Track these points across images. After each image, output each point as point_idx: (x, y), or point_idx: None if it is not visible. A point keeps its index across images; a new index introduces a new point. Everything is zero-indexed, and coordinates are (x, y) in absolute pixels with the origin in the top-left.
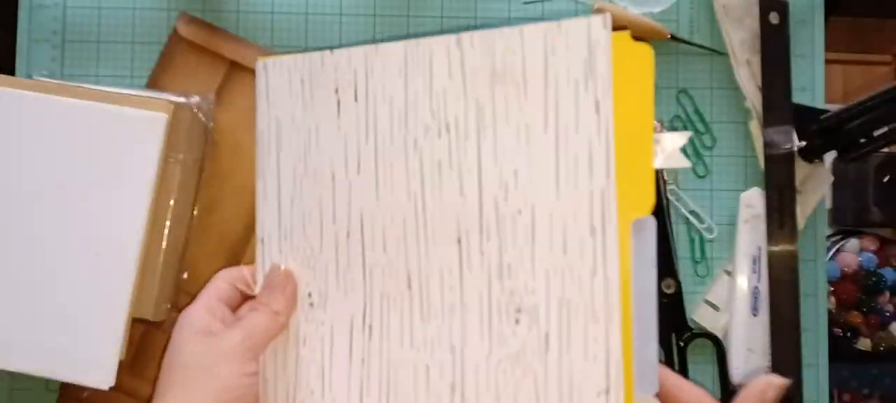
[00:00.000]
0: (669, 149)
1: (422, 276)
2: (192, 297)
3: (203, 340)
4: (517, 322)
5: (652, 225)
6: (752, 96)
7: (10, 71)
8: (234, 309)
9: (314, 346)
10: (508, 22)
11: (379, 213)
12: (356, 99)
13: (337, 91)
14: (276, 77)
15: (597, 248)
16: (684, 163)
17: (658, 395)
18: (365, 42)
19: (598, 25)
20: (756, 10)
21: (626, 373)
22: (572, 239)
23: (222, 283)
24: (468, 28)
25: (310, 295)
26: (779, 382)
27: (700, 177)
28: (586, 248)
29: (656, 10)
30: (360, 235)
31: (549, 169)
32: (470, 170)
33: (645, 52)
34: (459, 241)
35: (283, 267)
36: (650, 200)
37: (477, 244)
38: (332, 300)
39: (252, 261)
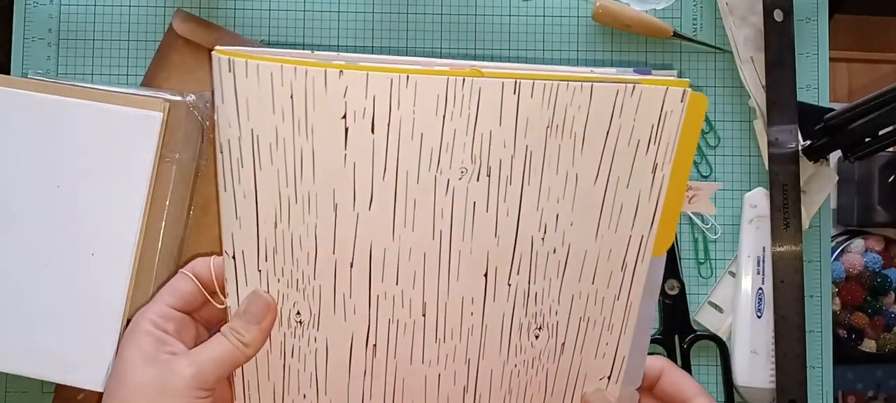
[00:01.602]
0: (703, 196)
1: (439, 305)
2: None
3: (150, 369)
4: (537, 337)
5: (662, 262)
6: (757, 94)
7: (6, 69)
8: (195, 310)
9: (305, 358)
10: (509, 20)
11: (393, 248)
12: (373, 131)
13: (345, 118)
14: (251, 84)
15: (625, 280)
16: (711, 209)
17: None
18: (378, 58)
19: (676, 97)
20: (760, 8)
21: None
22: (602, 271)
23: (183, 284)
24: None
25: (298, 313)
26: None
27: (704, 176)
28: (615, 279)
29: (659, 6)
30: (368, 267)
31: (592, 216)
32: (509, 214)
33: (700, 105)
34: (486, 275)
35: (265, 296)
36: (671, 241)
37: (505, 277)
38: (326, 320)
39: None
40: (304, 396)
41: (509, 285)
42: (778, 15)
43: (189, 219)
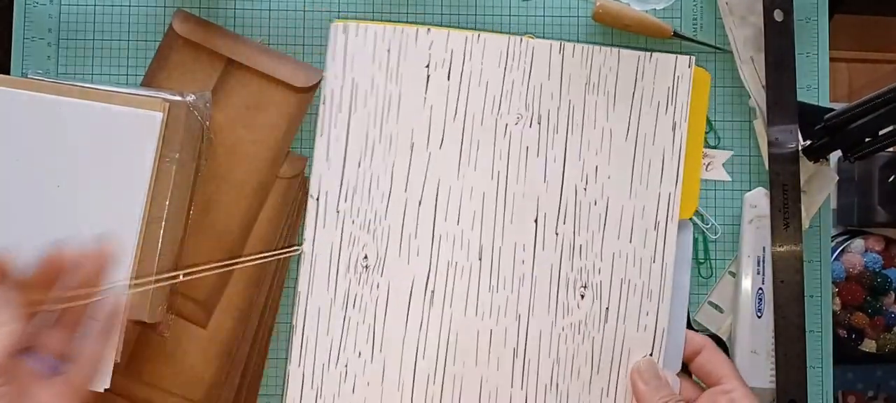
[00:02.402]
0: (717, 163)
1: (494, 249)
2: (188, 298)
3: None
4: (583, 296)
5: (689, 227)
6: (757, 94)
7: (6, 69)
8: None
9: (365, 308)
10: (509, 20)
11: (457, 187)
12: (449, 77)
13: (428, 66)
14: (358, 42)
15: (658, 240)
16: (726, 176)
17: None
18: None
19: (684, 64)
20: (760, 8)
21: None
22: (638, 229)
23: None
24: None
25: (365, 257)
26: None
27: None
28: (650, 239)
29: (659, 6)
30: (434, 205)
31: (625, 170)
32: (556, 160)
33: (704, 78)
34: (537, 221)
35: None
36: (695, 205)
37: (553, 225)
38: (391, 264)
39: (249, 261)
40: (360, 354)
41: (557, 234)
42: (778, 15)
43: (189, 220)
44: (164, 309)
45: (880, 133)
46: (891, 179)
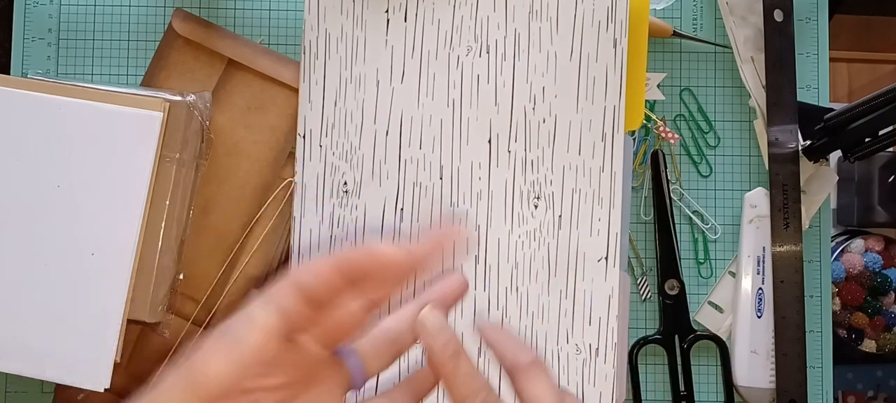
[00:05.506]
0: (652, 84)
1: (453, 169)
2: (188, 298)
3: None
4: (536, 206)
5: (629, 142)
6: (757, 94)
7: (6, 69)
8: None
9: (347, 227)
10: None
11: (418, 115)
12: (405, 19)
13: (387, 11)
14: None
15: (606, 150)
16: (660, 96)
17: None
18: None
19: None
20: (760, 8)
21: None
22: (586, 142)
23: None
24: None
25: (345, 183)
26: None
27: (704, 176)
28: (598, 150)
29: (659, 7)
30: (399, 133)
31: (571, 88)
32: (505, 85)
33: (643, 2)
34: (490, 141)
35: None
36: (640, 118)
37: (505, 144)
38: (366, 187)
39: (248, 262)
40: None
41: (509, 151)
42: (778, 15)
43: (189, 220)
44: (165, 308)
45: (880, 133)
46: (891, 179)
